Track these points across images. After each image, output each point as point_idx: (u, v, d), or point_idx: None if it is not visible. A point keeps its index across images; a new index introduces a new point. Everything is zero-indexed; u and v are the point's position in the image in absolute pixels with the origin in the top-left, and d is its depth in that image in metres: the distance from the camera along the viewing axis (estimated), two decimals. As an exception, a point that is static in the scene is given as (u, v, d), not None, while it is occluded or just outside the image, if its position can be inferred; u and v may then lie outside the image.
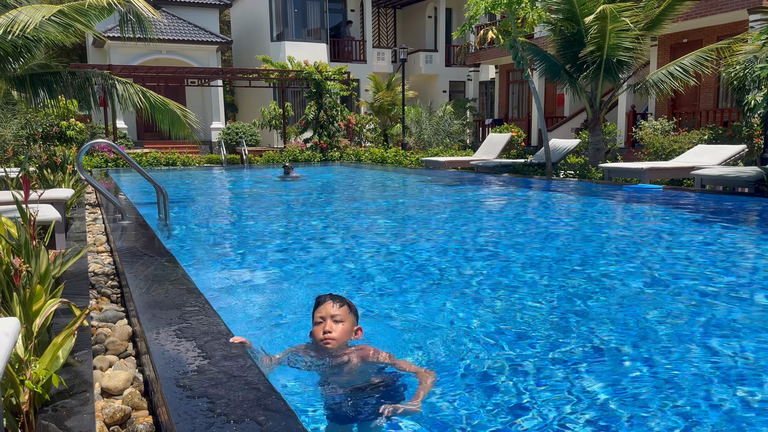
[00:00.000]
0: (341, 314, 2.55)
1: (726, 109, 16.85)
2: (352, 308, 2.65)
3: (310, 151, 20.95)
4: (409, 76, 27.84)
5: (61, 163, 9.17)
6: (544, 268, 4.93)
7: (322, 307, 2.58)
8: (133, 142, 23.41)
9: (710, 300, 3.94)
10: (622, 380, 2.69)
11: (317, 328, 2.55)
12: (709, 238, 6.09)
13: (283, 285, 4.51)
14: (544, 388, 2.60)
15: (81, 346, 2.56)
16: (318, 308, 2.59)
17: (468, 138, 25.06)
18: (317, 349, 2.55)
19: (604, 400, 2.49)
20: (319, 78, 20.91)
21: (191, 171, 17.64)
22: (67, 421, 1.93)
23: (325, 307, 2.57)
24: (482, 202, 9.95)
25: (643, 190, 9.72)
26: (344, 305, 2.60)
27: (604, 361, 2.92)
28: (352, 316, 2.63)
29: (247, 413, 1.77)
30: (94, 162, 17.70)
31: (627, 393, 2.56)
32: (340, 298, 2.64)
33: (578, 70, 12.78)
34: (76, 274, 3.91)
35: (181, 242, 6.18)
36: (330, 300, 2.59)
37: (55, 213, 4.89)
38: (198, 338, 2.44)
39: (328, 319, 2.53)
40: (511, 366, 2.84)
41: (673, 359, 2.93)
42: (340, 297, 2.65)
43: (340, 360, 2.49)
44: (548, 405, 2.44)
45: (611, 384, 2.64)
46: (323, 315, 2.55)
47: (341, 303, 2.60)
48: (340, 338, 2.53)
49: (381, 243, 6.20)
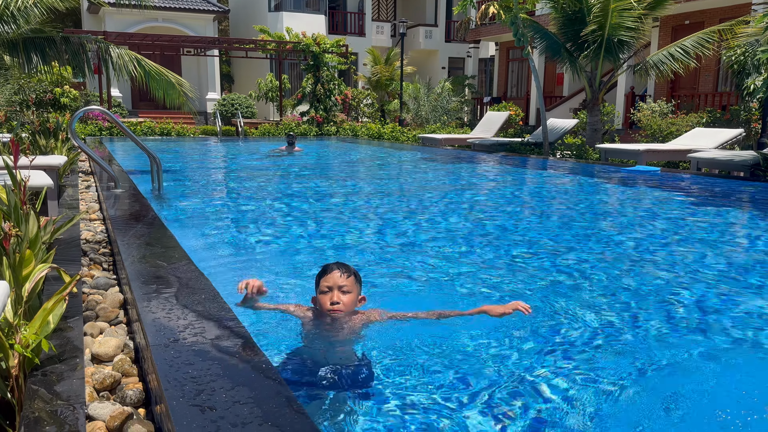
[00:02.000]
0: (348, 285, 2.52)
1: (725, 92, 16.78)
2: (358, 278, 2.62)
3: (306, 125, 20.80)
4: (408, 51, 27.58)
5: (54, 129, 9.07)
6: (536, 246, 4.93)
7: (329, 276, 2.53)
8: (128, 111, 23.19)
9: (700, 286, 3.96)
10: (612, 349, 2.71)
11: (323, 297, 2.52)
12: (702, 219, 6.11)
13: (275, 255, 4.50)
14: (534, 361, 2.61)
15: (72, 312, 2.55)
16: (324, 276, 2.54)
17: (466, 116, 24.91)
18: (319, 315, 2.54)
19: (593, 368, 2.50)
20: (317, 50, 20.67)
21: (186, 141, 17.52)
22: (57, 385, 1.92)
23: (332, 277, 2.52)
24: (477, 180, 9.93)
25: (640, 171, 9.72)
26: (351, 275, 2.56)
27: (599, 332, 2.93)
28: (357, 285, 2.60)
29: (237, 380, 1.77)
30: (87, 130, 17.54)
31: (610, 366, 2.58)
32: (346, 267, 2.59)
33: (579, 49, 12.67)
34: (68, 242, 3.88)
35: (173, 211, 6.15)
36: (337, 269, 2.55)
37: (47, 179, 4.84)
38: (189, 306, 2.43)
39: (335, 289, 2.50)
40: (500, 337, 2.84)
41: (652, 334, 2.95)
42: (346, 266, 2.60)
43: (344, 327, 2.50)
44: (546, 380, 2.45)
45: (597, 352, 2.66)
46: (330, 285, 2.51)
47: (348, 273, 2.56)
48: (347, 308, 2.52)
49: (375, 218, 6.19)
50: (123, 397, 1.98)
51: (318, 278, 2.59)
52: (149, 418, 1.90)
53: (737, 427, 2.13)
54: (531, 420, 2.13)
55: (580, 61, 12.78)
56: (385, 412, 2.14)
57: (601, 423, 2.14)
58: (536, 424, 2.11)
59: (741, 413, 2.22)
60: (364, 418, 2.10)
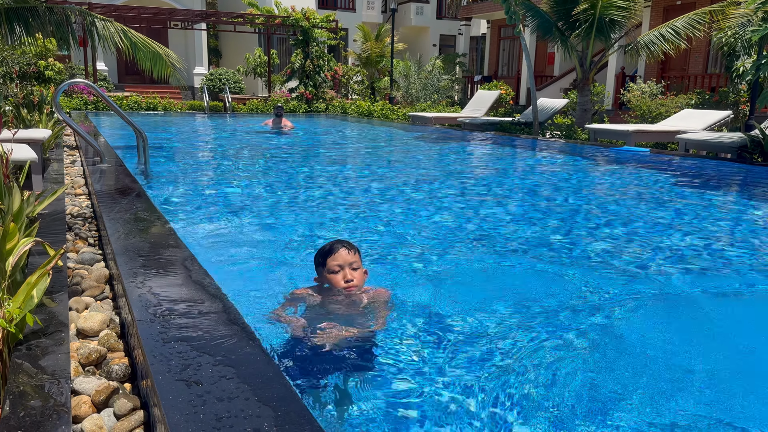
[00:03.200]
0: (356, 260, 2.61)
1: (714, 74, 16.81)
2: (359, 252, 2.69)
3: (295, 101, 20.61)
4: (398, 28, 27.30)
5: (38, 102, 8.92)
6: (523, 225, 4.95)
7: (337, 255, 2.59)
8: (114, 85, 22.85)
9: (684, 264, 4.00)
10: (589, 335, 2.74)
11: (335, 277, 2.57)
12: (687, 200, 6.15)
13: (263, 230, 4.48)
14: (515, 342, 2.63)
15: (57, 287, 2.53)
16: (332, 256, 2.60)
17: (456, 94, 24.80)
18: (329, 294, 2.60)
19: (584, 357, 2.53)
20: (306, 25, 20.40)
21: (173, 117, 17.31)
22: (41, 360, 1.91)
23: (340, 255, 2.58)
24: (466, 159, 9.92)
25: (630, 152, 9.74)
26: (357, 251, 2.65)
27: (580, 312, 2.96)
28: (361, 260, 2.69)
29: (224, 356, 1.76)
30: (73, 104, 17.27)
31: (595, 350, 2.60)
32: (349, 243, 2.66)
33: (570, 28, 12.60)
34: (53, 216, 3.83)
35: (160, 187, 6.09)
36: (343, 247, 2.61)
37: (31, 153, 4.77)
38: (175, 281, 2.42)
39: (346, 267, 2.57)
40: (482, 315, 2.86)
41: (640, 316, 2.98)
42: (348, 242, 2.67)
43: (358, 302, 2.57)
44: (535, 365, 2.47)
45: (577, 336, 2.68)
46: (340, 263, 2.57)
47: (353, 249, 2.63)
48: (360, 284, 2.60)
49: (364, 197, 6.17)
50: (109, 372, 1.98)
51: (322, 258, 2.63)
52: (135, 393, 1.90)
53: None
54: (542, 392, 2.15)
55: (571, 41, 12.73)
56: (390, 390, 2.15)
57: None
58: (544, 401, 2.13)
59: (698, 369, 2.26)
60: (363, 398, 2.11)
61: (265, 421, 1.42)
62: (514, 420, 1.98)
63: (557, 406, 2.08)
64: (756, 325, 3.04)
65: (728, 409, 2.12)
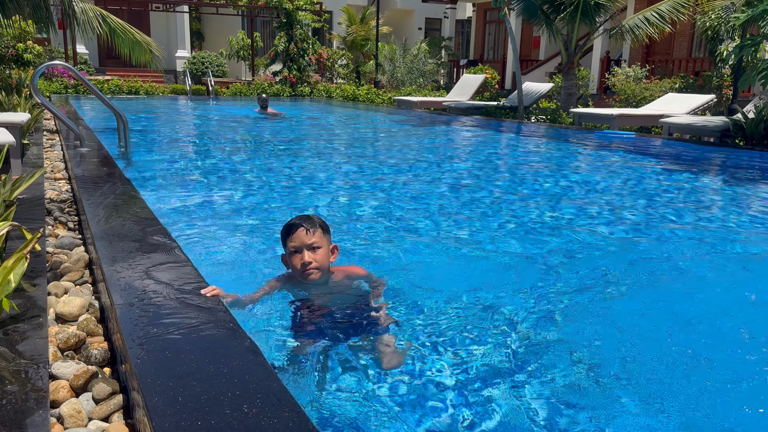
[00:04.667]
0: (317, 240, 2.35)
1: (699, 58, 16.90)
2: (324, 227, 2.43)
3: (279, 85, 20.41)
4: (384, 11, 27.08)
5: (16, 85, 8.76)
6: (506, 208, 4.96)
7: (294, 236, 2.35)
8: (95, 69, 22.47)
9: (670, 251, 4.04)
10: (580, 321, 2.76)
11: (294, 259, 2.36)
12: (668, 181, 6.20)
13: (244, 215, 4.46)
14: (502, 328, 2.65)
15: (36, 272, 2.49)
16: (290, 237, 2.36)
17: (442, 78, 24.72)
18: (297, 277, 2.41)
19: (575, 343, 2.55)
20: (290, 7, 20.15)
21: (155, 100, 17.09)
22: (19, 345, 1.89)
23: (298, 236, 2.34)
24: (450, 143, 9.91)
25: (614, 136, 9.79)
26: (317, 228, 2.37)
27: (570, 298, 2.98)
28: (327, 236, 2.42)
29: (203, 339, 1.75)
30: (53, 88, 16.98)
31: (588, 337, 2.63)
32: (310, 219, 2.40)
33: (555, 12, 12.58)
34: (32, 201, 3.78)
35: (140, 171, 6.02)
36: (302, 226, 2.35)
37: (8, 137, 4.68)
38: (155, 266, 2.40)
39: (304, 249, 2.34)
40: (466, 300, 2.87)
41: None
42: (310, 218, 2.41)
43: (329, 285, 2.41)
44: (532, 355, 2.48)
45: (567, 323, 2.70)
46: (297, 245, 2.34)
47: (314, 226, 2.37)
48: (322, 265, 2.37)
49: (349, 181, 6.15)
50: (88, 357, 1.96)
51: (283, 238, 2.43)
52: (114, 377, 1.88)
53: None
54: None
55: (556, 24, 12.71)
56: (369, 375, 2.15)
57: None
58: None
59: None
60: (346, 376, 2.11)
61: (245, 402, 1.42)
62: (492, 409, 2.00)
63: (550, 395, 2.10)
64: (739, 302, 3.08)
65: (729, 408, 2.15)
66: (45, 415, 1.53)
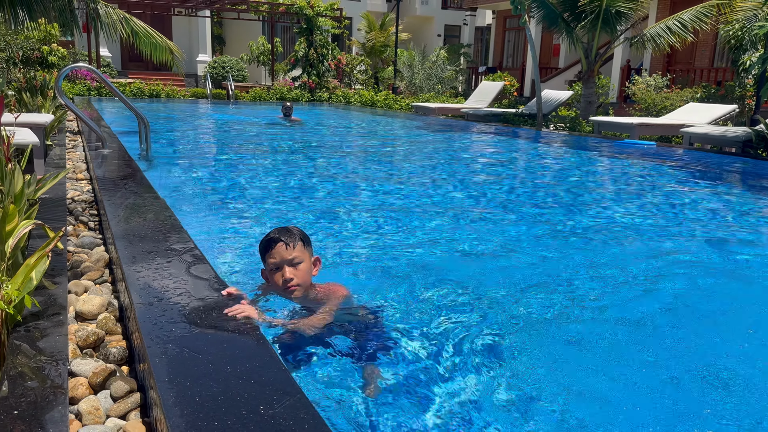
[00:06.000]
0: (298, 254, 2.24)
1: (721, 68, 16.71)
2: (305, 240, 2.31)
3: (298, 90, 20.54)
4: (403, 17, 27.16)
5: (41, 87, 8.91)
6: (526, 218, 4.94)
7: (273, 251, 2.24)
8: (117, 72, 22.81)
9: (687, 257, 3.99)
10: (600, 328, 2.73)
11: (275, 276, 2.26)
12: (691, 192, 6.13)
13: (265, 219, 4.48)
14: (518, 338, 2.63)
15: (57, 270, 2.53)
16: (269, 253, 2.25)
17: (460, 85, 24.72)
18: (281, 292, 2.33)
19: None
20: (311, 13, 20.30)
21: (175, 104, 17.28)
22: (40, 342, 1.91)
23: (277, 252, 2.23)
24: (467, 150, 9.89)
25: (634, 145, 9.70)
26: (297, 241, 2.25)
27: (584, 305, 2.96)
28: (307, 249, 2.30)
29: (221, 339, 1.76)
30: (76, 90, 17.25)
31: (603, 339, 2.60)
32: (288, 232, 2.28)
33: (576, 20, 12.52)
34: (54, 200, 3.83)
35: (161, 173, 6.09)
36: (281, 241, 2.23)
37: (32, 137, 4.76)
38: (174, 266, 2.42)
39: (284, 265, 2.23)
40: (481, 305, 2.86)
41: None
42: (288, 231, 2.29)
43: (309, 300, 2.32)
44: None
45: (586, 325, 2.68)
46: (277, 261, 2.24)
47: (293, 240, 2.24)
48: (304, 282, 2.27)
49: (364, 186, 6.16)
50: (106, 355, 1.98)
51: (262, 254, 2.32)
52: (132, 376, 1.90)
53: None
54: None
55: (577, 32, 12.65)
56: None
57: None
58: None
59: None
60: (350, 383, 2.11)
61: (261, 403, 1.42)
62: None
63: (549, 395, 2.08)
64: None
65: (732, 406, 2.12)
66: (64, 412, 1.55)
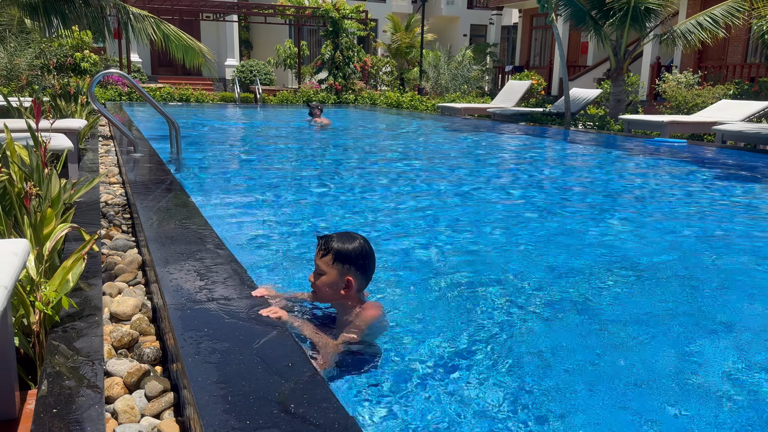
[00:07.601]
0: (322, 265, 2.23)
1: (754, 64, 16.33)
2: (339, 256, 2.21)
3: (324, 92, 20.66)
4: (429, 18, 27.12)
5: (74, 93, 9.11)
6: (555, 218, 4.89)
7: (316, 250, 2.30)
8: (147, 77, 23.22)
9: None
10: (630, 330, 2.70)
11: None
12: (727, 191, 6.00)
13: (295, 221, 4.52)
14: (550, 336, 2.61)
15: (91, 272, 2.59)
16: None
17: (486, 85, 24.57)
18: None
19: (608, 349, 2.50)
20: (336, 16, 20.40)
21: (205, 108, 17.52)
22: (77, 342, 1.96)
23: (316, 251, 2.28)
24: (495, 151, 9.83)
25: (665, 143, 9.54)
26: (327, 254, 2.21)
27: (605, 309, 2.92)
28: (336, 266, 2.21)
29: (252, 339, 1.79)
30: (108, 95, 17.61)
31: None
32: (326, 242, 2.24)
33: (604, 17, 12.34)
34: (88, 204, 3.92)
35: (192, 176, 6.19)
36: (318, 244, 2.28)
37: (67, 142, 4.88)
38: (206, 268, 2.46)
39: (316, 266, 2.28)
40: (505, 306, 2.84)
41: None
42: (327, 241, 2.25)
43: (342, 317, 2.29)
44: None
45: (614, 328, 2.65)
46: (315, 260, 2.29)
47: (324, 251, 2.23)
48: (321, 292, 2.26)
49: (392, 188, 6.18)
50: (140, 355, 2.02)
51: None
52: (166, 376, 1.94)
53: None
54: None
55: (605, 30, 12.48)
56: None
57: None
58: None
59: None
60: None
61: (292, 402, 1.44)
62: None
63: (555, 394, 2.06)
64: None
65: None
66: (100, 410, 1.59)
